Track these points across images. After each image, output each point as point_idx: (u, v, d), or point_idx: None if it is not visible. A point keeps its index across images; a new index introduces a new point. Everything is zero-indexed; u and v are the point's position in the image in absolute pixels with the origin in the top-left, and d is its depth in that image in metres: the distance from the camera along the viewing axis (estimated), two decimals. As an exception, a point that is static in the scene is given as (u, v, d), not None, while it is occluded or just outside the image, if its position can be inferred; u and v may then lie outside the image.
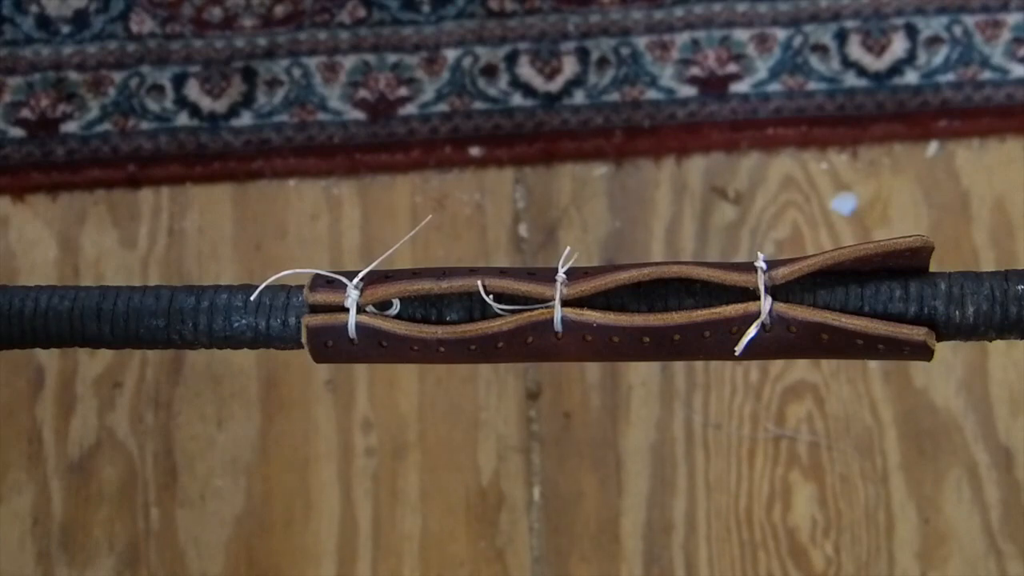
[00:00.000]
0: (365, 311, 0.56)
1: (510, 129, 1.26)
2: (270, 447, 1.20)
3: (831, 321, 0.54)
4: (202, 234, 1.25)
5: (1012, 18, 1.25)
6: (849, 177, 1.23)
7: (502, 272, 0.55)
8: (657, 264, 0.54)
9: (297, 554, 1.19)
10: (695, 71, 1.26)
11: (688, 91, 1.26)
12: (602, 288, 0.54)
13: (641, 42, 1.27)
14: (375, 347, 0.56)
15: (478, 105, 1.26)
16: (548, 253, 1.22)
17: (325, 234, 1.25)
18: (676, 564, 1.17)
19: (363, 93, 1.27)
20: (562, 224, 1.24)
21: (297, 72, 1.28)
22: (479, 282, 0.55)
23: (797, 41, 1.26)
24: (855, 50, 1.25)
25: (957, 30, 1.25)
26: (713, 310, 0.54)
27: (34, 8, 1.31)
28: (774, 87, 1.25)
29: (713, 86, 1.26)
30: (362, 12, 1.29)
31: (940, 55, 1.25)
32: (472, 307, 0.56)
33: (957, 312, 0.54)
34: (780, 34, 1.26)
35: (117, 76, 1.29)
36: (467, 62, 1.27)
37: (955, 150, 1.23)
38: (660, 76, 1.26)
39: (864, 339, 0.54)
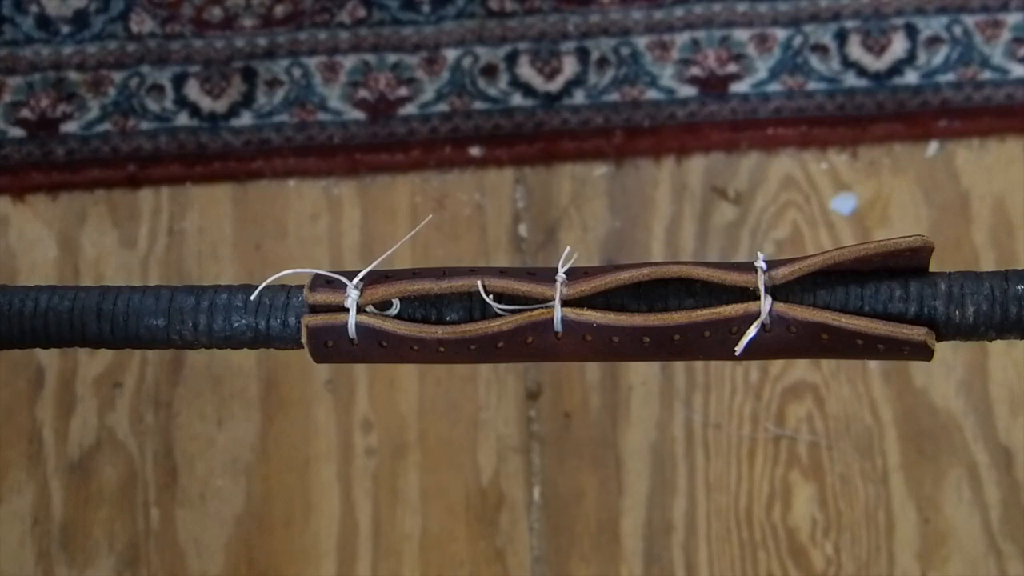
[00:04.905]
0: (365, 311, 0.56)
1: (510, 129, 1.26)
2: (270, 447, 1.20)
3: (831, 321, 0.54)
4: (202, 234, 1.25)
5: (1012, 18, 1.25)
6: (849, 177, 1.23)
7: (502, 272, 0.55)
8: (657, 264, 0.54)
9: (297, 554, 1.19)
10: (695, 71, 1.26)
11: (688, 91, 1.25)
12: (602, 288, 0.54)
13: (641, 42, 1.27)
14: (375, 347, 0.56)
15: (478, 105, 1.26)
16: (548, 253, 1.22)
17: (325, 234, 1.24)
18: (676, 564, 1.17)
19: (363, 93, 1.27)
20: (562, 224, 1.24)
21: (297, 72, 1.28)
22: (479, 282, 0.55)
23: (797, 41, 1.26)
24: (855, 50, 1.25)
25: (957, 30, 1.25)
26: (713, 310, 0.54)
27: (34, 8, 1.31)
28: (774, 87, 1.25)
29: (713, 86, 1.26)
30: (362, 12, 1.29)
31: (940, 55, 1.25)
32: (472, 307, 0.56)
33: (957, 312, 0.54)
34: (780, 34, 1.26)
35: (117, 76, 1.29)
36: (467, 62, 1.27)
37: (955, 150, 1.23)
38: (660, 76, 1.26)
39: (864, 339, 0.54)
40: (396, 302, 0.56)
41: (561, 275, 0.55)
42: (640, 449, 1.19)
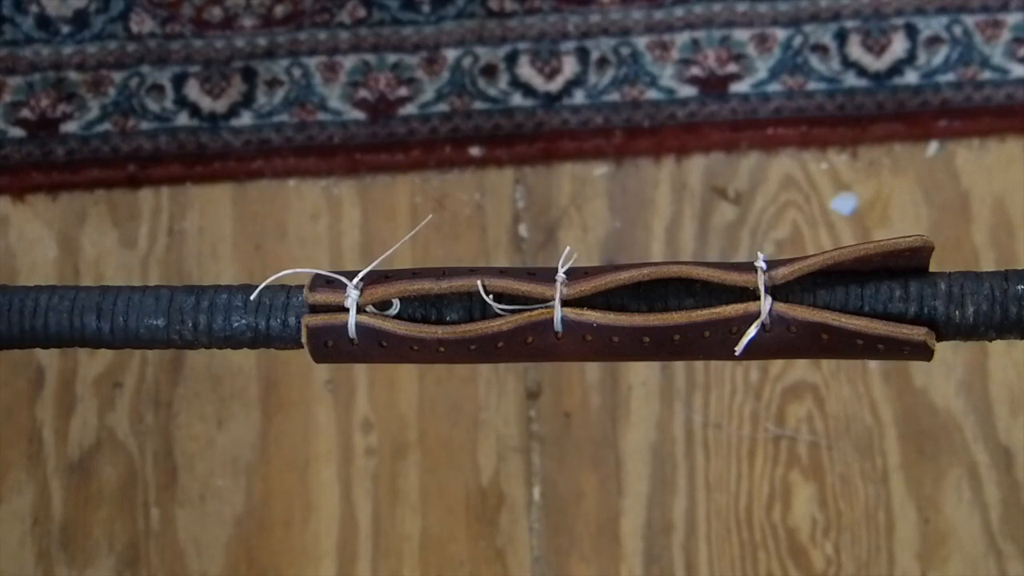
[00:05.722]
0: (365, 311, 0.56)
1: (510, 129, 1.26)
2: (270, 447, 1.20)
3: (831, 321, 0.54)
4: (202, 234, 1.25)
5: (1012, 18, 1.25)
6: (849, 177, 1.23)
7: (502, 272, 0.55)
8: (657, 264, 0.54)
9: (297, 554, 1.19)
10: (695, 71, 1.26)
11: (688, 91, 1.26)
12: (602, 288, 0.54)
13: (641, 42, 1.27)
14: (375, 347, 0.56)
15: (478, 105, 1.26)
16: (548, 253, 1.22)
17: (325, 234, 1.25)
18: (676, 564, 1.17)
19: (363, 93, 1.27)
20: (562, 224, 1.24)
21: (297, 72, 1.28)
22: (479, 282, 0.55)
23: (797, 41, 1.26)
24: (855, 50, 1.25)
25: (957, 30, 1.25)
26: (713, 310, 0.54)
27: (34, 8, 1.31)
28: (774, 87, 1.25)
29: (713, 86, 1.26)
30: (362, 12, 1.29)
31: (940, 55, 1.25)
32: (472, 307, 0.56)
33: (957, 312, 0.54)
34: (780, 34, 1.26)
35: (117, 76, 1.29)
36: (467, 62, 1.27)
37: (955, 150, 1.23)
38: (660, 76, 1.26)
39: (864, 339, 0.54)
40: (396, 302, 0.56)
41: (561, 275, 0.55)
42: (640, 449, 1.19)
